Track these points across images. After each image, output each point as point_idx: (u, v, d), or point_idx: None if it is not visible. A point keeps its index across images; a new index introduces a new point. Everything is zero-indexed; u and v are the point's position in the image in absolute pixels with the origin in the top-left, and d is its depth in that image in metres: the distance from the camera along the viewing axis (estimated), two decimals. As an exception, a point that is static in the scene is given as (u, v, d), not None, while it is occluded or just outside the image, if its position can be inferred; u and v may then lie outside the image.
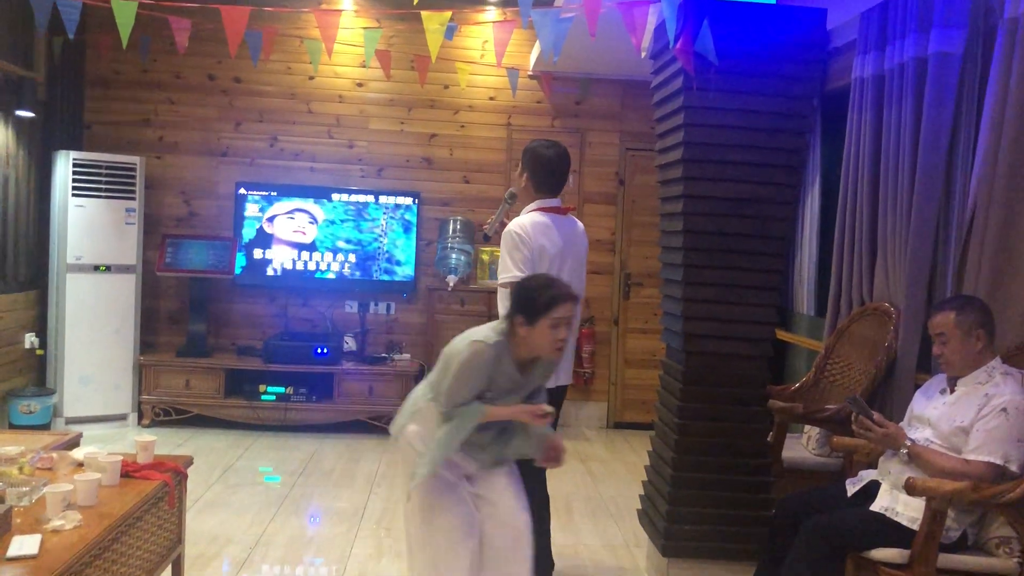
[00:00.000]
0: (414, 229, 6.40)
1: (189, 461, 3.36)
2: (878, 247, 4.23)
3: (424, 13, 3.47)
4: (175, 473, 3.17)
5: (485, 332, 2.77)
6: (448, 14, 3.35)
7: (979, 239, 3.34)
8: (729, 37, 3.36)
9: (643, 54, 3.52)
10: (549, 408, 2.78)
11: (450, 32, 3.66)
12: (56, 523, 2.43)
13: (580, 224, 3.57)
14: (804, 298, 5.32)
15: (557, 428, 3.57)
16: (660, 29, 3.51)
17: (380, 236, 6.37)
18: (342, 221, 6.33)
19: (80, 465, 3.01)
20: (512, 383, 2.81)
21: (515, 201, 3.54)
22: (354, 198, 6.34)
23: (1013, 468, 2.73)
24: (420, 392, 2.93)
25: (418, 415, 2.87)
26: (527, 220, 3.34)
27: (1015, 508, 2.72)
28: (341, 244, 6.35)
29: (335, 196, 6.33)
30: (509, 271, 3.25)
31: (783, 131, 3.45)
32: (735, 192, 3.47)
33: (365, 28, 3.95)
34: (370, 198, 6.36)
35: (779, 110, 3.44)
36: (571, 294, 2.74)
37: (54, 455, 3.07)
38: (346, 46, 5.57)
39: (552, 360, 2.83)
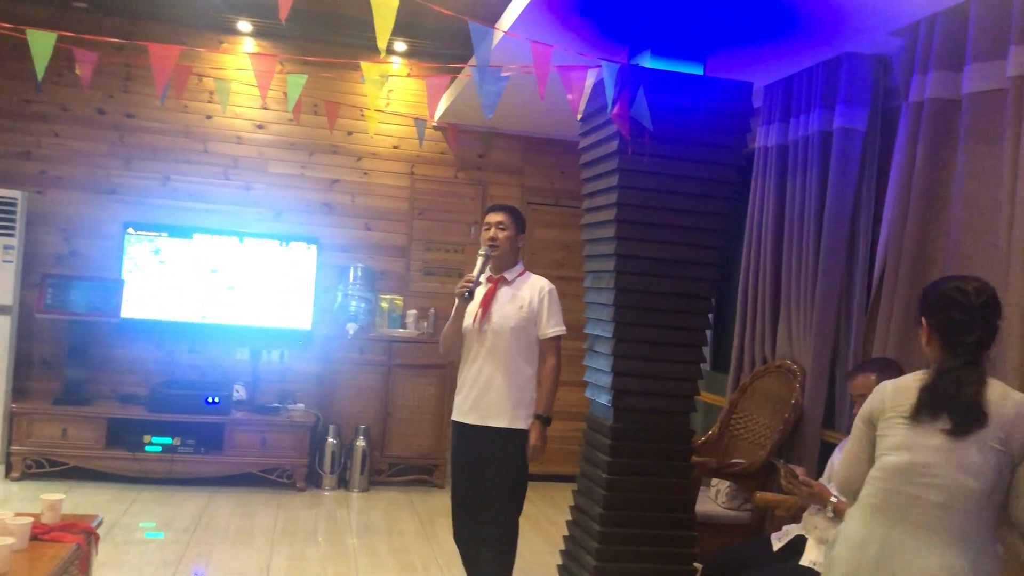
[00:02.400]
0: (313, 275, 6.27)
1: (99, 520, 3.15)
2: (781, 308, 4.45)
3: (364, 63, 3.46)
4: (87, 534, 2.96)
5: None
6: (388, 66, 3.34)
7: (888, 304, 3.57)
8: (663, 105, 3.50)
9: (578, 116, 3.61)
10: None
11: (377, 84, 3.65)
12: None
13: None
14: (703, 353, 5.51)
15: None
16: (593, 92, 3.61)
17: (277, 281, 6.19)
18: (237, 265, 6.13)
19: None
20: None
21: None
22: (250, 242, 6.15)
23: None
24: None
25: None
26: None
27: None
28: (235, 288, 6.13)
29: (231, 239, 6.12)
30: (561, 324, 3.57)
31: (711, 196, 3.61)
32: (665, 253, 3.60)
33: (289, 73, 3.87)
34: (267, 242, 6.19)
35: (708, 176, 3.59)
36: None
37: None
38: (247, 87, 5.43)
39: None
